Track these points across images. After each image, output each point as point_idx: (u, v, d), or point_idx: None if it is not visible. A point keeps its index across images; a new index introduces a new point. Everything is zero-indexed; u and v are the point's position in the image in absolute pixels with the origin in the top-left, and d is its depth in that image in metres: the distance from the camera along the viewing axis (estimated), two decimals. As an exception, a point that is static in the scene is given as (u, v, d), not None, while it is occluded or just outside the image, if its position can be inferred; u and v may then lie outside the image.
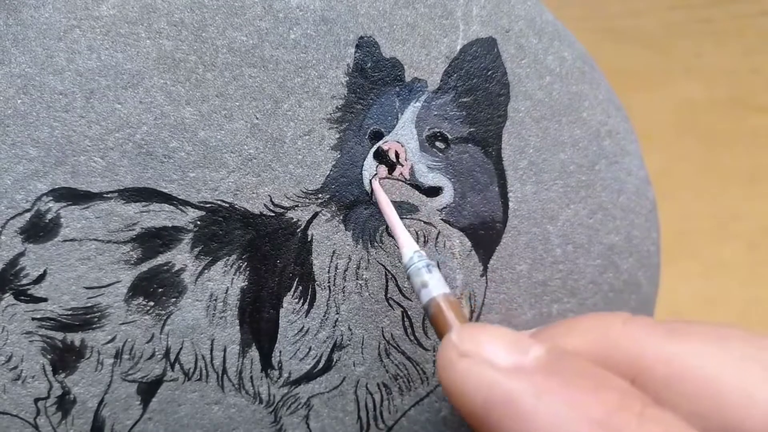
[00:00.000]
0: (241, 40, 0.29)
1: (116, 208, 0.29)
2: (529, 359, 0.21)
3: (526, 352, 0.21)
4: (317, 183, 0.30)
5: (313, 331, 0.30)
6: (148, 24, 0.29)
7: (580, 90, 0.33)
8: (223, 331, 0.30)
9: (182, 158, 0.29)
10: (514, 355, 0.21)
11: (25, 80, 0.28)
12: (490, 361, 0.21)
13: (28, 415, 0.29)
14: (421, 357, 0.31)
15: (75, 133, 0.28)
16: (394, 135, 0.30)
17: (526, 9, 0.32)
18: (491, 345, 0.21)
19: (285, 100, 0.29)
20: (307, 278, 0.30)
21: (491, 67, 0.31)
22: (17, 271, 0.28)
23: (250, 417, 0.30)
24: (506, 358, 0.21)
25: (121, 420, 0.30)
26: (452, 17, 0.31)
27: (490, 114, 0.31)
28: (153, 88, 0.29)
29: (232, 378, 0.30)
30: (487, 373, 0.20)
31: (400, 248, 0.27)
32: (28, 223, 0.28)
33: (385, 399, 0.31)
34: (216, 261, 0.29)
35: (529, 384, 0.20)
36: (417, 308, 0.31)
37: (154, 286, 0.29)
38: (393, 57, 0.30)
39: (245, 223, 0.30)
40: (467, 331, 0.22)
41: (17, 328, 0.29)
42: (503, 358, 0.21)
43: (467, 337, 0.22)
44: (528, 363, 0.21)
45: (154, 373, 0.30)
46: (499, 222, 0.31)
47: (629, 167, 0.34)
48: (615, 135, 0.33)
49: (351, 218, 0.30)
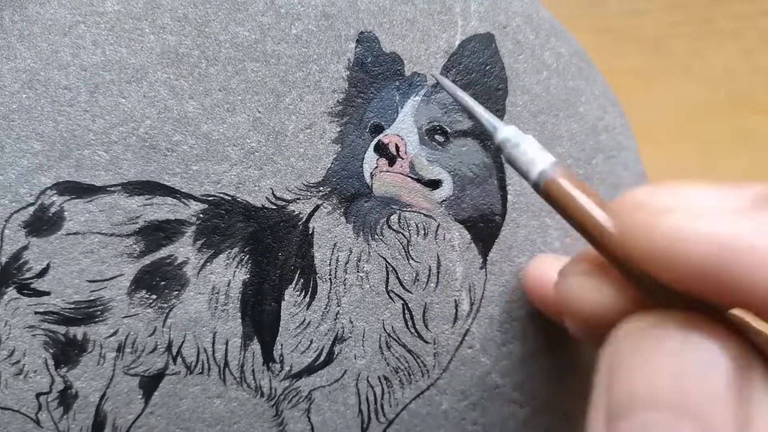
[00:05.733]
0: (243, 35, 0.31)
1: (119, 202, 0.31)
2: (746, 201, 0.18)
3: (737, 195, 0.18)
4: (318, 176, 0.32)
5: (314, 324, 0.32)
6: (152, 19, 0.31)
7: (577, 85, 0.35)
8: (225, 324, 0.32)
9: (185, 152, 0.31)
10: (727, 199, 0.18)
11: (30, 75, 0.30)
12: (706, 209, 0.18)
13: (29, 410, 0.31)
14: (422, 349, 0.33)
15: (79, 127, 0.30)
16: (395, 128, 0.32)
17: (523, 6, 0.34)
18: (696, 195, 0.19)
19: (287, 94, 0.31)
20: (309, 271, 0.32)
21: (489, 62, 0.33)
22: (20, 264, 0.30)
23: (252, 410, 0.32)
24: (720, 203, 0.18)
25: (123, 414, 0.31)
26: (451, 13, 0.33)
27: (488, 108, 0.33)
28: (157, 83, 0.31)
29: (234, 371, 0.32)
30: (710, 222, 0.18)
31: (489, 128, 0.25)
32: (31, 216, 0.30)
33: (386, 392, 0.33)
34: (218, 254, 0.31)
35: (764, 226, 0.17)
36: (417, 301, 0.32)
37: (156, 279, 0.31)
38: (393, 52, 0.32)
39: (247, 216, 0.31)
40: (649, 189, 0.20)
41: (20, 322, 0.30)
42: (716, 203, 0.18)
43: (654, 193, 0.19)
44: (748, 206, 0.18)
45: (156, 366, 0.31)
46: (499, 215, 0.33)
47: (626, 162, 0.36)
48: (611, 130, 0.36)
49: (352, 211, 0.32)
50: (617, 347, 0.19)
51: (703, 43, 0.58)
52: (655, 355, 0.18)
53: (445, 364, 0.33)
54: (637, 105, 0.42)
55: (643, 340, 0.19)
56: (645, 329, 0.19)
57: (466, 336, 0.33)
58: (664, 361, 0.18)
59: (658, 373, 0.18)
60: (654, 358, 0.18)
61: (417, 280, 0.32)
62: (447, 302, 0.33)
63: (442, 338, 0.33)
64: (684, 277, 0.18)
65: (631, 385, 0.18)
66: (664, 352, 0.18)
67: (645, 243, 0.19)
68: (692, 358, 0.18)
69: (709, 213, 0.18)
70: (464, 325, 0.33)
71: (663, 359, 0.18)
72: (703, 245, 0.17)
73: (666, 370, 0.18)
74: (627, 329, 0.19)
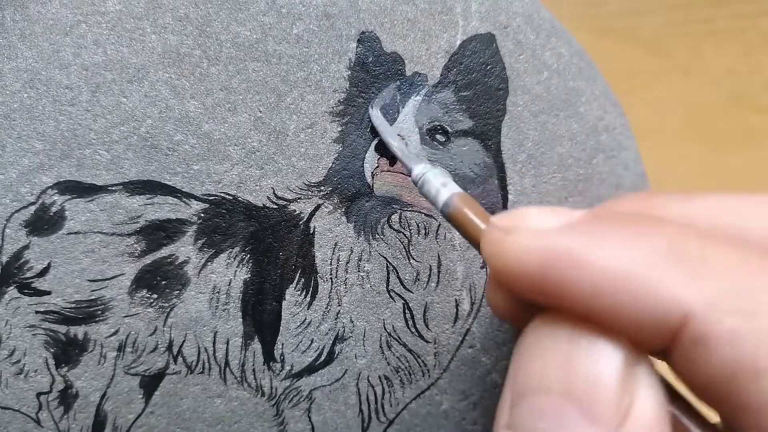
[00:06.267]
0: (244, 34, 0.31)
1: (121, 201, 0.31)
2: (576, 217, 0.22)
3: (570, 215, 0.22)
4: (319, 175, 0.32)
5: (315, 324, 0.32)
6: (153, 19, 0.31)
7: (578, 85, 0.35)
8: (225, 323, 0.32)
9: (186, 151, 0.31)
10: (560, 218, 0.22)
11: (31, 74, 0.30)
12: (539, 227, 0.21)
13: (30, 410, 0.31)
14: (422, 349, 0.33)
15: (80, 127, 0.30)
16: (396, 128, 0.32)
17: (523, 6, 0.35)
18: (535, 216, 0.22)
19: (288, 93, 0.32)
20: (310, 270, 0.32)
21: (490, 62, 0.34)
22: (21, 264, 0.30)
23: (252, 410, 0.32)
24: (554, 221, 0.21)
25: (124, 414, 0.31)
26: (452, 13, 0.33)
27: (489, 108, 0.33)
28: (158, 82, 0.31)
29: (235, 371, 0.32)
30: (538, 237, 0.20)
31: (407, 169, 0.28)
32: (33, 216, 0.30)
33: (386, 391, 0.33)
34: (219, 253, 0.32)
35: (584, 235, 0.20)
36: (418, 300, 0.33)
37: (157, 278, 0.31)
38: (394, 52, 0.33)
39: (248, 216, 0.32)
40: (507, 213, 0.23)
41: (21, 321, 0.30)
42: (551, 222, 0.21)
43: (509, 216, 0.23)
44: (576, 220, 0.21)
45: (156, 366, 0.32)
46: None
47: (626, 162, 0.36)
48: (612, 130, 0.36)
49: (353, 210, 0.32)
50: (521, 343, 0.21)
51: (703, 43, 0.58)
52: (548, 349, 0.20)
53: (445, 364, 0.33)
54: (637, 105, 0.43)
55: (539, 336, 0.21)
56: (541, 328, 0.21)
57: (466, 336, 0.33)
58: (554, 354, 0.20)
59: (550, 363, 0.20)
60: (546, 352, 0.20)
61: (418, 279, 0.33)
62: (448, 302, 0.33)
63: (443, 338, 0.33)
64: (520, 285, 0.21)
65: (526, 374, 0.21)
66: (555, 346, 0.20)
67: (496, 258, 0.22)
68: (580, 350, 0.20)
69: (537, 230, 0.21)
70: (465, 325, 0.33)
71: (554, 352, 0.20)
72: (533, 255, 0.20)
73: (556, 361, 0.20)
74: (530, 328, 0.21)
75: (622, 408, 0.19)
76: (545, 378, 0.20)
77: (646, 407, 0.19)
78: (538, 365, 0.20)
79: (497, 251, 0.22)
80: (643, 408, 0.19)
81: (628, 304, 0.19)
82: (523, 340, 0.21)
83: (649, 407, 0.19)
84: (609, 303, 0.19)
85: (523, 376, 0.21)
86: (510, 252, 0.21)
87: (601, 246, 0.19)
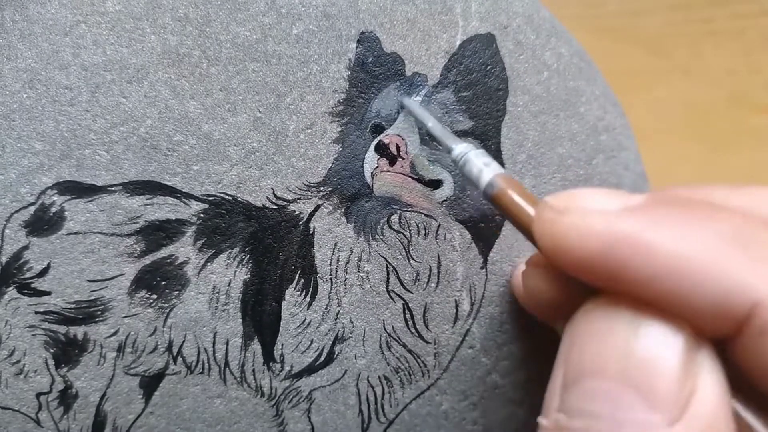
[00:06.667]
0: (244, 35, 0.31)
1: (120, 201, 0.31)
2: (635, 201, 0.21)
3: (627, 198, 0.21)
4: (319, 176, 0.32)
5: (315, 324, 0.32)
6: (153, 19, 0.31)
7: (578, 86, 0.35)
8: (225, 324, 0.32)
9: (186, 151, 0.31)
10: (618, 200, 0.21)
11: (31, 75, 0.30)
12: (597, 209, 0.21)
13: (29, 410, 0.31)
14: (422, 350, 0.33)
15: (80, 127, 0.30)
16: (395, 128, 0.32)
17: (523, 6, 0.35)
18: (590, 197, 0.22)
19: (288, 94, 0.32)
20: (309, 271, 0.32)
21: (490, 63, 0.34)
22: (21, 264, 0.30)
23: (252, 410, 0.32)
24: (612, 203, 0.21)
25: (123, 414, 0.32)
26: (451, 13, 0.33)
27: (489, 108, 0.33)
28: (157, 83, 0.31)
29: (234, 371, 0.32)
30: (601, 219, 0.20)
31: (447, 149, 0.29)
32: (32, 216, 0.30)
33: (386, 392, 0.33)
34: (219, 254, 0.32)
35: (647, 219, 0.20)
36: (418, 301, 0.33)
37: (157, 278, 0.31)
38: (394, 52, 0.33)
39: (248, 216, 0.32)
40: (559, 194, 0.23)
41: (20, 321, 0.30)
42: (609, 204, 0.21)
43: (564, 196, 0.22)
44: (636, 204, 0.21)
45: (156, 366, 0.32)
46: (499, 215, 0.33)
47: (626, 162, 0.36)
48: (612, 130, 0.36)
49: (352, 211, 0.32)
50: (575, 326, 0.21)
51: (703, 43, 0.58)
52: (604, 332, 0.20)
53: (445, 364, 0.33)
54: (637, 105, 0.43)
55: (594, 319, 0.21)
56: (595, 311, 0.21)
57: (466, 336, 0.34)
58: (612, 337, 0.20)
59: (607, 346, 0.20)
60: (603, 334, 0.20)
61: (417, 280, 0.33)
62: (447, 302, 0.33)
63: (443, 338, 0.33)
64: (579, 267, 0.21)
65: (581, 357, 0.20)
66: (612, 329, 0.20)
67: (550, 239, 0.21)
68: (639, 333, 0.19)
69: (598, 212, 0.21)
70: (465, 325, 0.33)
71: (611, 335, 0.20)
72: (595, 238, 0.20)
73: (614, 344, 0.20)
74: (582, 311, 0.21)
75: (684, 394, 0.19)
76: (602, 361, 0.20)
77: (709, 395, 0.19)
78: (594, 348, 0.20)
79: (552, 232, 0.21)
80: (706, 395, 0.19)
81: (694, 290, 0.19)
82: (575, 324, 0.21)
83: (713, 395, 0.19)
84: (672, 288, 0.19)
85: (578, 359, 0.20)
86: (568, 233, 0.21)
87: (665, 231, 0.19)
